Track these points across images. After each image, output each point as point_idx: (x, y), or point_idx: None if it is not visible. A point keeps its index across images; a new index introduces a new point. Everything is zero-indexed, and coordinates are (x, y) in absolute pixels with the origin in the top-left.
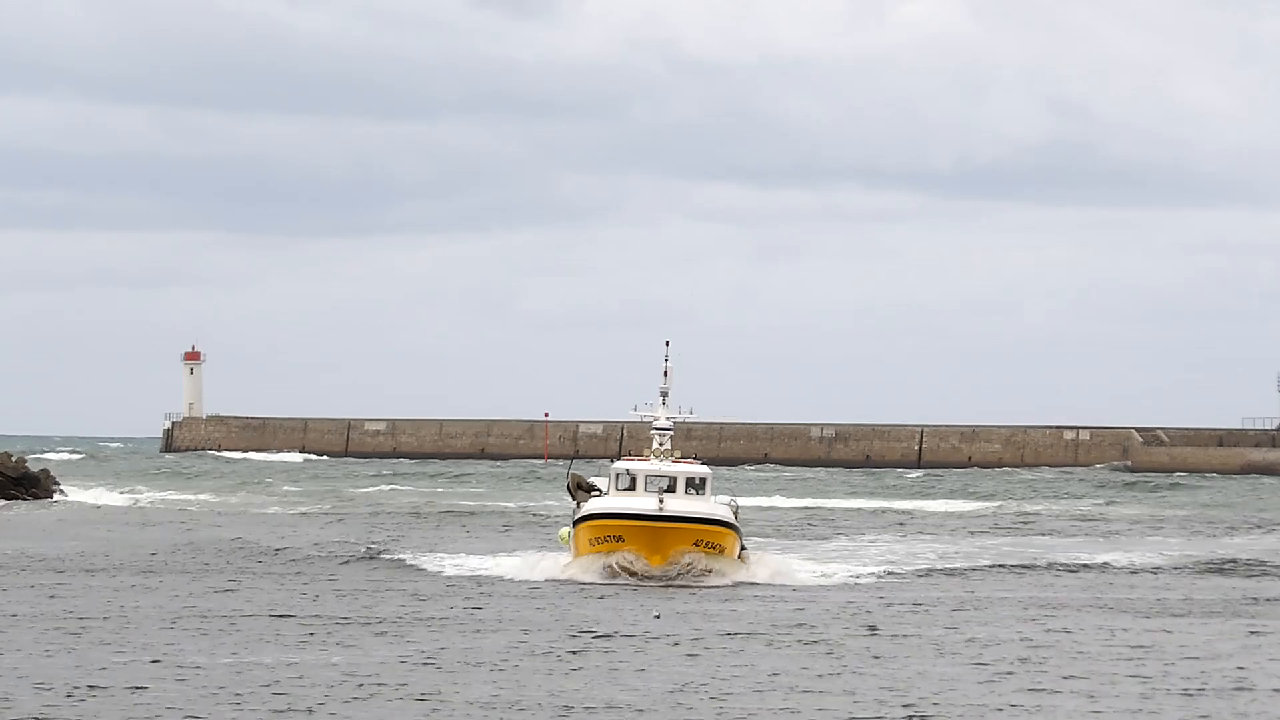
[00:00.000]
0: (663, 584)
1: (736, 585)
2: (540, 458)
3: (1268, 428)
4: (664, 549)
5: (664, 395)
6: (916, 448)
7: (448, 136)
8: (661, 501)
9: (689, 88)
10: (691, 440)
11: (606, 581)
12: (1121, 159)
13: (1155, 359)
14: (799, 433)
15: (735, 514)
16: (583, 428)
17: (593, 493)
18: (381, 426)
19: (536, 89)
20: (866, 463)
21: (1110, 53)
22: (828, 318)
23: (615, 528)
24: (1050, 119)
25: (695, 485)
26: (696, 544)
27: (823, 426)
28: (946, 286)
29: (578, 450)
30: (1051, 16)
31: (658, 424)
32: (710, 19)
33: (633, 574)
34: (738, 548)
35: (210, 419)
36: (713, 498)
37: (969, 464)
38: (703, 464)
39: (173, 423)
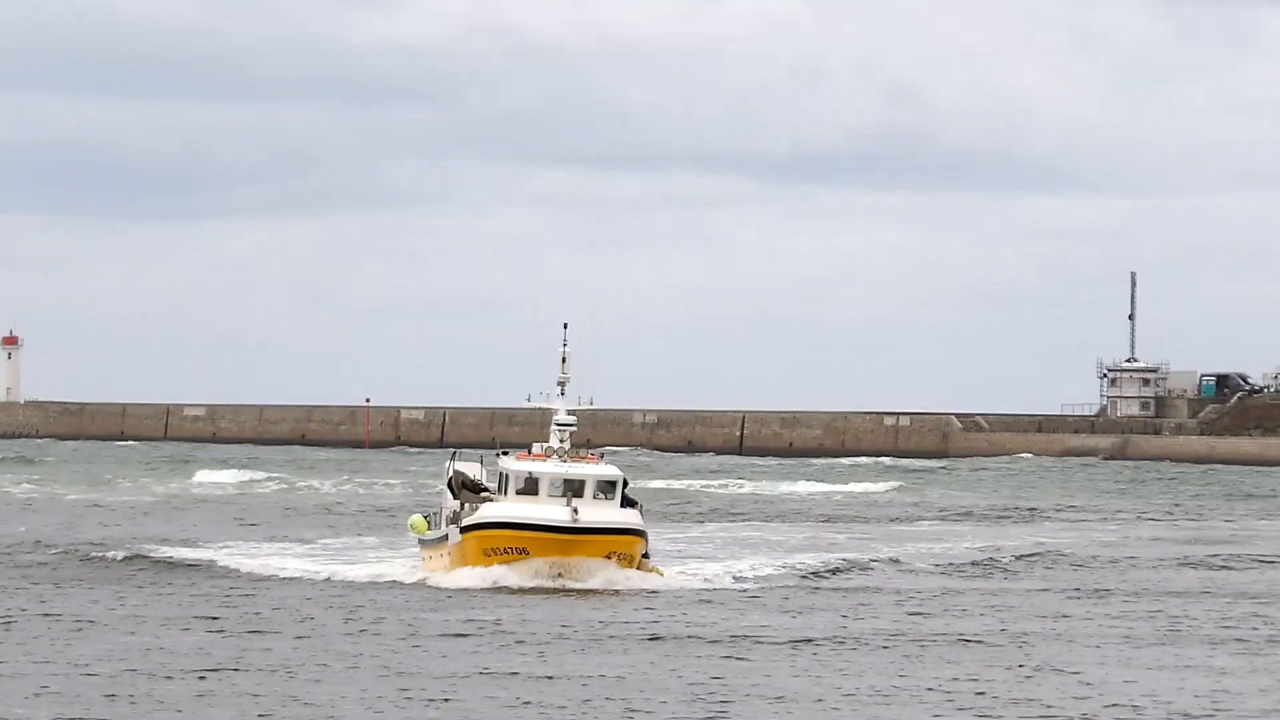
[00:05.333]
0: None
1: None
2: (362, 444)
3: (1087, 414)
4: (574, 564)
5: (562, 385)
6: (738, 433)
7: (280, 121)
8: (575, 510)
9: (524, 73)
10: (513, 426)
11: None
12: (953, 146)
13: (980, 345)
14: (621, 418)
15: (641, 513)
16: (404, 413)
17: (481, 493)
18: (201, 412)
19: (371, 73)
20: (688, 449)
21: (943, 41)
22: (657, 304)
23: (520, 538)
24: (883, 106)
25: (605, 489)
26: (609, 556)
27: (645, 412)
28: (776, 272)
29: (399, 436)
30: (885, 5)
31: (558, 418)
32: (547, 4)
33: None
34: (641, 554)
35: (28, 404)
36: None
37: (790, 450)
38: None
39: None
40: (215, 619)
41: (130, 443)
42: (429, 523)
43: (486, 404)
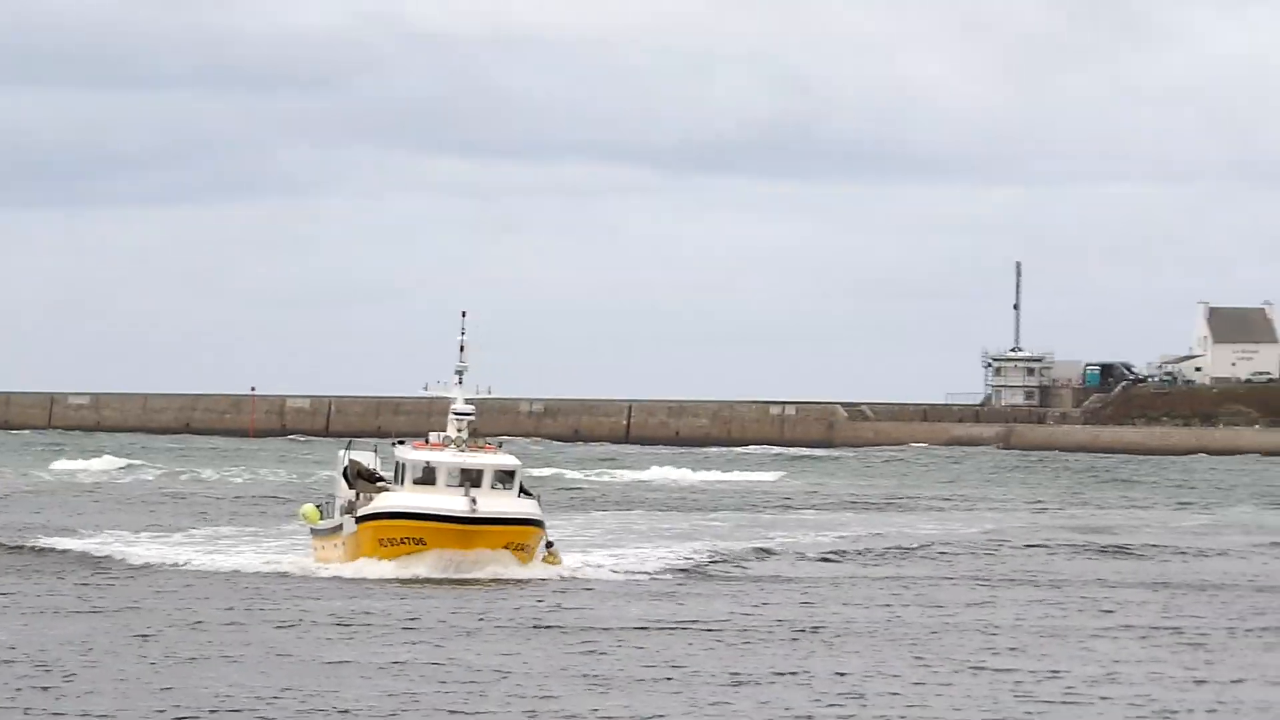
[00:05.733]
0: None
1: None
2: (247, 433)
3: (972, 403)
4: (472, 555)
5: (460, 374)
6: (625, 422)
7: (170, 108)
8: (474, 500)
9: (416, 60)
10: (399, 415)
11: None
12: (845, 135)
13: (867, 335)
14: (507, 407)
15: (539, 503)
16: (290, 402)
17: (378, 483)
18: (85, 400)
19: (262, 61)
20: (575, 437)
21: (835, 30)
22: (546, 292)
23: (417, 529)
24: (775, 96)
25: (503, 478)
26: (508, 546)
27: (531, 401)
28: (665, 261)
29: (285, 425)
30: None
31: (456, 407)
32: None
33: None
34: (542, 544)
35: None
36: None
37: (677, 439)
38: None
39: None
40: (96, 610)
41: (13, 431)
42: (321, 512)
43: (373, 393)
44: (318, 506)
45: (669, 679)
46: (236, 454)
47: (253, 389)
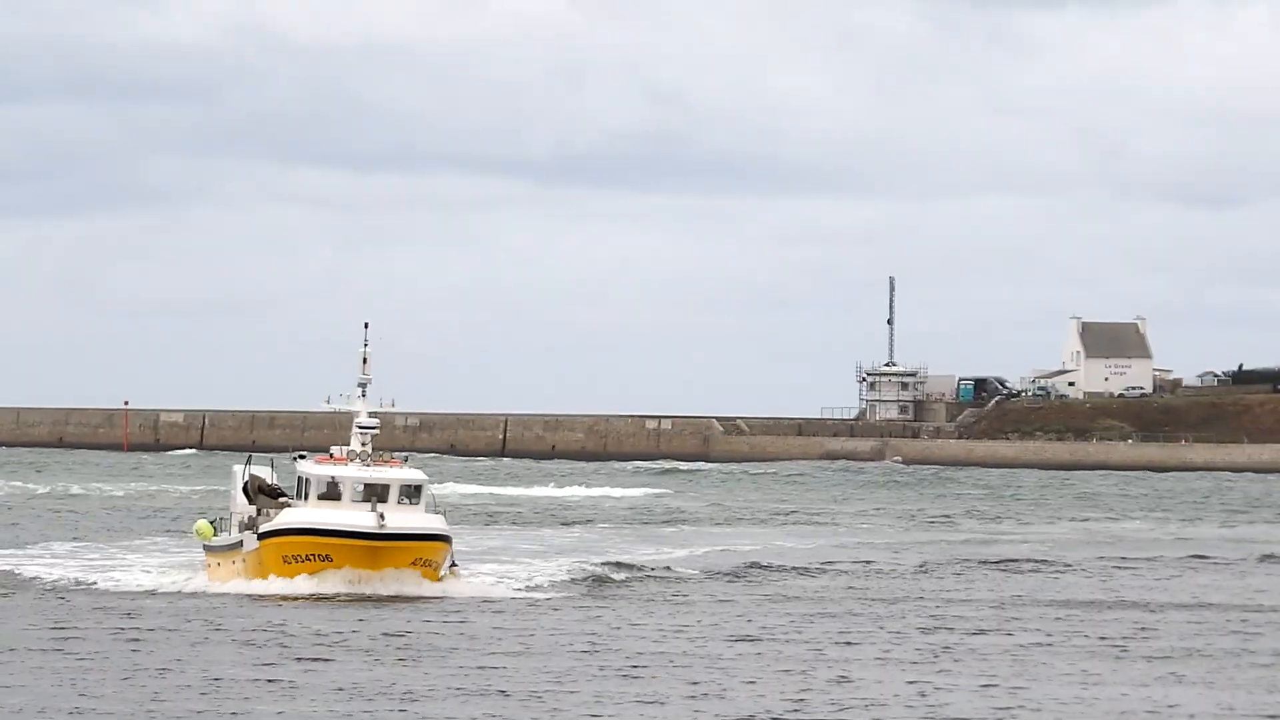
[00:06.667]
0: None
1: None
2: (120, 447)
3: (846, 417)
4: (380, 571)
5: (363, 387)
6: (501, 436)
7: (40, 119)
8: (381, 516)
9: (286, 72)
10: (273, 429)
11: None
12: (717, 148)
13: (743, 349)
14: (382, 421)
15: (445, 519)
16: (164, 416)
17: (280, 499)
18: None
19: (131, 72)
20: (451, 451)
21: (707, 42)
22: (419, 305)
23: (323, 545)
24: (647, 108)
25: (409, 493)
26: (415, 563)
27: (407, 415)
28: (538, 274)
29: (159, 439)
30: (647, 5)
31: (360, 421)
32: (308, 3)
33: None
34: (448, 560)
35: None
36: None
37: (552, 453)
38: (415, 467)
39: None
40: None
41: None
42: (215, 528)
43: (246, 406)
44: (212, 523)
45: (545, 693)
46: (109, 468)
47: (126, 403)
